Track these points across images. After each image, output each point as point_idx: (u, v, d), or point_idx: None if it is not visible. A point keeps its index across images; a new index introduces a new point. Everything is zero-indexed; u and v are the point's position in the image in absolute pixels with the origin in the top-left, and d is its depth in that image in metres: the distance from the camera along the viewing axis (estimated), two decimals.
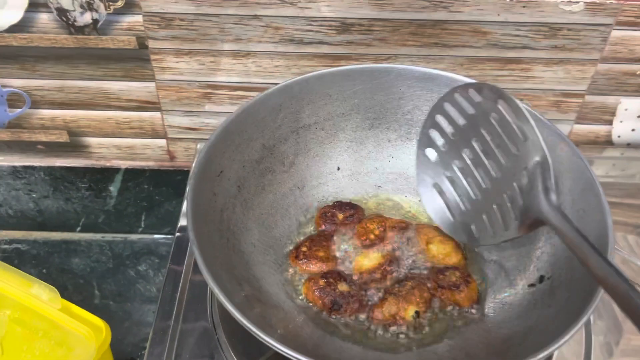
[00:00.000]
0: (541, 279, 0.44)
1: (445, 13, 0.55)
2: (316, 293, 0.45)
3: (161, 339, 0.46)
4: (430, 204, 0.49)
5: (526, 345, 0.39)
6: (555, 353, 0.46)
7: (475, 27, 0.55)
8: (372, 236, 0.48)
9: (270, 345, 0.35)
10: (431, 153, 0.49)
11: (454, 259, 0.47)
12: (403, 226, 0.49)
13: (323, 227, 0.50)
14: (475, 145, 0.45)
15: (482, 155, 0.45)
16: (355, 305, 0.44)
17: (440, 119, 0.48)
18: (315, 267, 0.47)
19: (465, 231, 0.47)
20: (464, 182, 0.47)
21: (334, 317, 0.44)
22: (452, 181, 0.48)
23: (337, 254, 0.48)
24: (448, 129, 0.47)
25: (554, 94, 0.61)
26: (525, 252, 0.46)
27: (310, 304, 0.45)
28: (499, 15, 0.55)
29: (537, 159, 0.40)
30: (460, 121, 0.46)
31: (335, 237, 0.49)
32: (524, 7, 0.54)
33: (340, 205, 0.51)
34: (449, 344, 0.43)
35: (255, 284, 0.44)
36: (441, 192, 0.49)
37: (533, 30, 0.56)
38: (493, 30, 0.56)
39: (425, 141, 0.49)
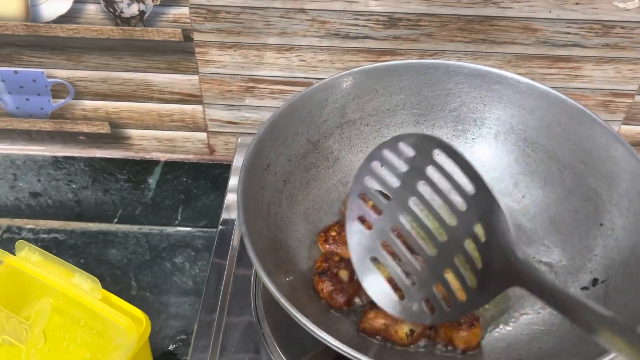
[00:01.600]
0: (595, 282, 0.43)
1: (496, 9, 0.54)
2: (318, 270, 0.44)
3: (206, 332, 0.46)
4: (370, 282, 0.39)
5: (580, 349, 0.38)
6: None
7: (526, 23, 0.54)
8: None
9: (327, 343, 0.35)
10: (362, 223, 0.40)
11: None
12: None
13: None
14: (413, 207, 0.39)
15: (423, 218, 0.38)
16: (341, 299, 0.43)
17: (369, 180, 0.40)
18: (342, 251, 0.46)
19: (417, 310, 0.38)
20: (405, 251, 0.39)
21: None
22: (391, 252, 0.39)
23: None
24: (382, 190, 0.40)
25: (603, 94, 0.59)
26: (578, 253, 0.45)
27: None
28: (550, 12, 0.53)
29: (490, 210, 0.36)
30: (393, 182, 0.39)
31: None
32: (576, 4, 0.53)
33: None
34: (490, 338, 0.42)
35: (302, 280, 0.44)
36: (380, 267, 0.40)
37: (585, 28, 0.54)
38: (543, 27, 0.55)
39: (356, 207, 0.40)
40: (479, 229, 0.36)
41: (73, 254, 0.72)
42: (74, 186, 0.71)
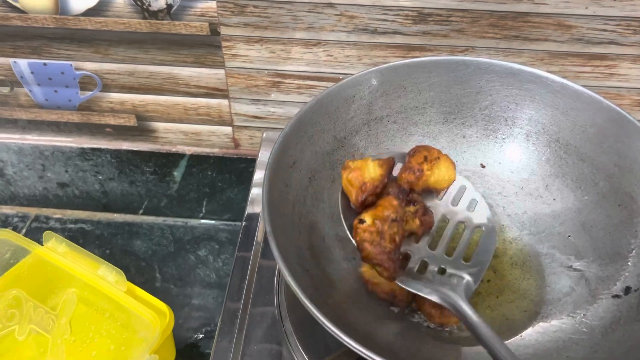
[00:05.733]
0: (627, 290, 0.42)
1: (529, 5, 0.52)
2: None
3: (230, 326, 0.46)
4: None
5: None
6: None
7: (560, 20, 0.53)
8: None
9: (347, 344, 0.34)
10: None
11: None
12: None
13: None
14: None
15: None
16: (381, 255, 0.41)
17: None
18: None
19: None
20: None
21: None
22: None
23: None
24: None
25: (639, 93, 0.57)
26: (610, 260, 0.44)
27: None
28: (586, 8, 0.52)
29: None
30: None
31: None
32: (614, 0, 0.51)
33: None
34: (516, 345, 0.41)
35: (326, 280, 0.43)
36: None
37: (622, 25, 0.53)
38: (579, 24, 0.53)
39: None
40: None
41: (99, 245, 0.72)
42: (100, 177, 0.72)
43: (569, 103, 0.48)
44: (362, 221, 0.41)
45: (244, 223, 0.55)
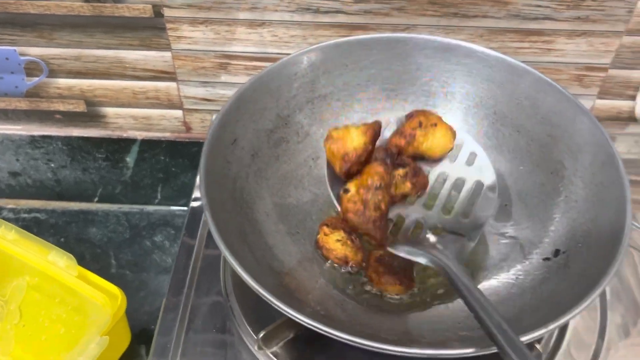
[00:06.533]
0: (557, 252, 0.43)
1: None
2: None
3: (174, 309, 0.46)
4: None
5: (538, 317, 0.39)
6: (570, 327, 0.46)
7: None
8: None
9: (284, 312, 0.35)
10: None
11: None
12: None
13: None
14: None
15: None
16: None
17: None
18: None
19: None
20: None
21: None
22: None
23: None
24: None
25: (577, 68, 0.59)
26: (541, 225, 0.45)
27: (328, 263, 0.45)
28: None
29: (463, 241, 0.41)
30: None
31: None
32: None
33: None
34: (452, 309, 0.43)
35: (268, 253, 0.44)
36: None
37: (555, 0, 0.54)
38: (514, 0, 0.54)
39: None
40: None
41: (53, 233, 0.72)
42: (52, 165, 0.71)
43: (504, 76, 0.50)
44: (346, 190, 0.41)
45: (191, 206, 0.55)
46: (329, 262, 0.45)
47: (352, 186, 0.41)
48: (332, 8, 0.56)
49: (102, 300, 0.54)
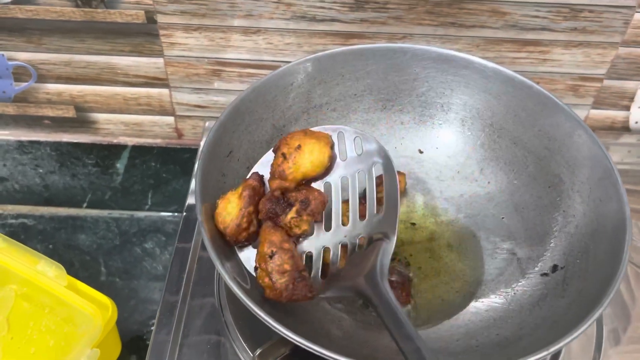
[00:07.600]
0: (554, 268, 0.43)
1: None
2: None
3: (168, 318, 0.46)
4: None
5: (537, 336, 0.38)
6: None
7: (494, 7, 0.54)
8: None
9: (280, 332, 0.35)
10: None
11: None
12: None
13: None
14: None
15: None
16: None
17: None
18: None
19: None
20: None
21: None
22: None
23: None
24: None
25: (572, 78, 0.59)
26: (539, 240, 0.45)
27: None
28: None
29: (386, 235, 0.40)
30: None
31: None
32: None
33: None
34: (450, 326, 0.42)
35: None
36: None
37: (553, 11, 0.54)
38: (512, 11, 0.54)
39: None
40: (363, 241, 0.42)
41: (41, 240, 0.71)
42: (40, 171, 0.70)
43: (502, 88, 0.49)
44: (255, 269, 0.40)
45: (184, 214, 0.55)
46: None
47: (256, 262, 0.40)
48: (328, 16, 0.55)
49: (93, 311, 0.53)
